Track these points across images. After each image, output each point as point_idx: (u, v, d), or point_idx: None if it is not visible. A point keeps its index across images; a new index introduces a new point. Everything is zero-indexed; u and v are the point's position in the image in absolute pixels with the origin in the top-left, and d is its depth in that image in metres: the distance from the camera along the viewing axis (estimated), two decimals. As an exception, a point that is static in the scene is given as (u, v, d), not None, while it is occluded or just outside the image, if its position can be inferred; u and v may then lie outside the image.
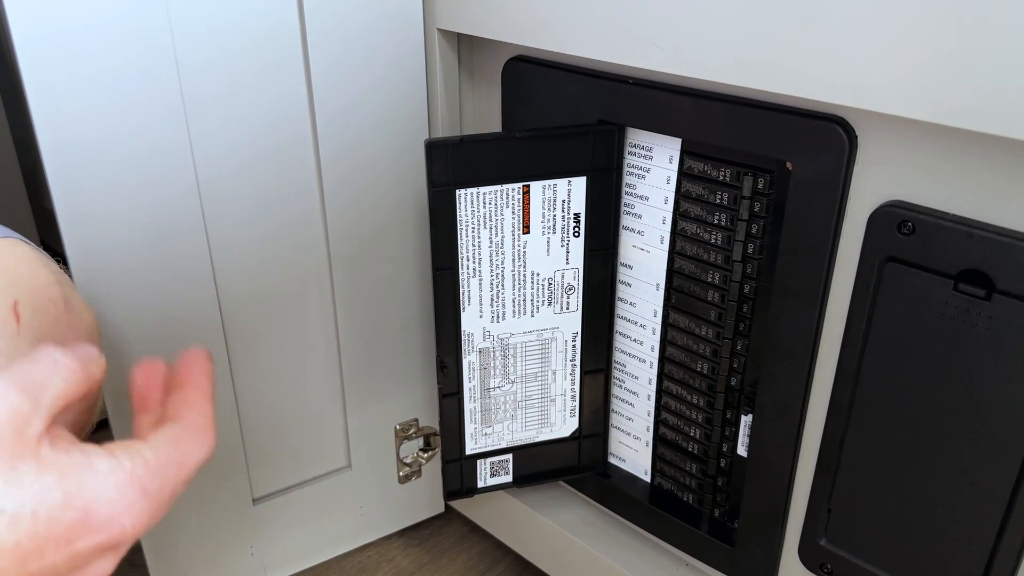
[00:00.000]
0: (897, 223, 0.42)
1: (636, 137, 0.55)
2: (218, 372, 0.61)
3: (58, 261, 0.47)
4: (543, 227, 0.57)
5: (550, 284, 0.59)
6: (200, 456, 0.39)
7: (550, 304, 0.60)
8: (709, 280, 0.53)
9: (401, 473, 0.75)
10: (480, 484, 0.65)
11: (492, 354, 0.60)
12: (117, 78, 0.50)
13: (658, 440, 0.61)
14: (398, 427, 0.73)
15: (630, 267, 0.58)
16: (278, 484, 0.69)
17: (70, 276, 0.49)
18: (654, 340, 0.59)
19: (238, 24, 0.53)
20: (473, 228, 0.56)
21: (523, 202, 0.56)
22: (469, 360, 0.60)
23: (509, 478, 0.66)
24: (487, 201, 0.55)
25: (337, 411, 0.70)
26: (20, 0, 0.46)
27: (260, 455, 0.67)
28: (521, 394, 0.62)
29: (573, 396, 0.63)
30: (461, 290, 0.57)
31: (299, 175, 0.60)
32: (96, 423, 0.46)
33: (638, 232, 0.57)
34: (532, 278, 0.58)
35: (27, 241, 0.45)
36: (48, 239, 1.12)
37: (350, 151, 0.61)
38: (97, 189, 0.51)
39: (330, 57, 0.57)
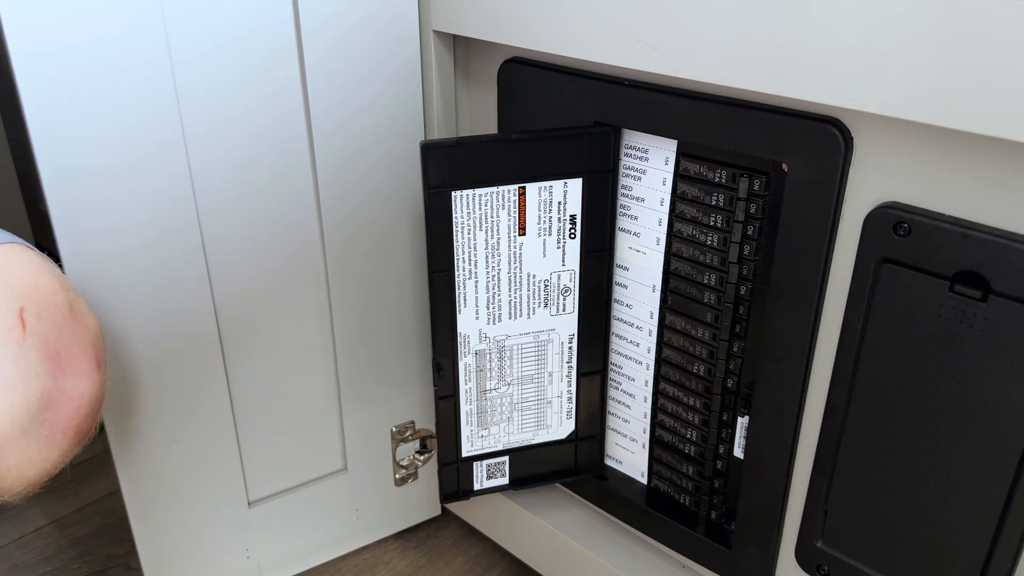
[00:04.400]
0: (893, 224, 0.42)
1: (632, 139, 0.55)
2: (214, 375, 0.61)
3: (61, 266, 0.47)
4: (539, 229, 0.57)
5: (546, 286, 0.59)
6: None
7: (546, 306, 0.59)
8: (705, 282, 0.53)
9: (397, 476, 0.75)
10: (476, 486, 0.65)
11: (488, 356, 0.60)
12: (112, 80, 0.50)
13: (655, 442, 0.61)
14: (394, 429, 0.73)
15: (626, 269, 0.58)
16: (274, 487, 0.69)
17: None
18: (650, 342, 0.59)
19: (233, 25, 0.53)
20: (469, 230, 0.56)
21: (519, 204, 0.56)
22: (465, 362, 0.60)
23: (505, 480, 0.66)
24: (483, 203, 0.55)
25: (333, 413, 0.70)
26: (17, 8, 0.45)
27: (256, 457, 0.67)
28: (517, 396, 0.62)
29: (570, 398, 0.63)
30: (457, 292, 0.57)
31: (294, 177, 0.60)
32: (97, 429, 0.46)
33: (634, 234, 0.57)
34: (528, 280, 0.58)
35: (31, 247, 0.45)
36: (44, 242, 1.12)
37: (345, 153, 0.60)
38: (92, 193, 0.51)
39: (326, 59, 0.57)
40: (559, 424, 0.64)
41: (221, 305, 0.60)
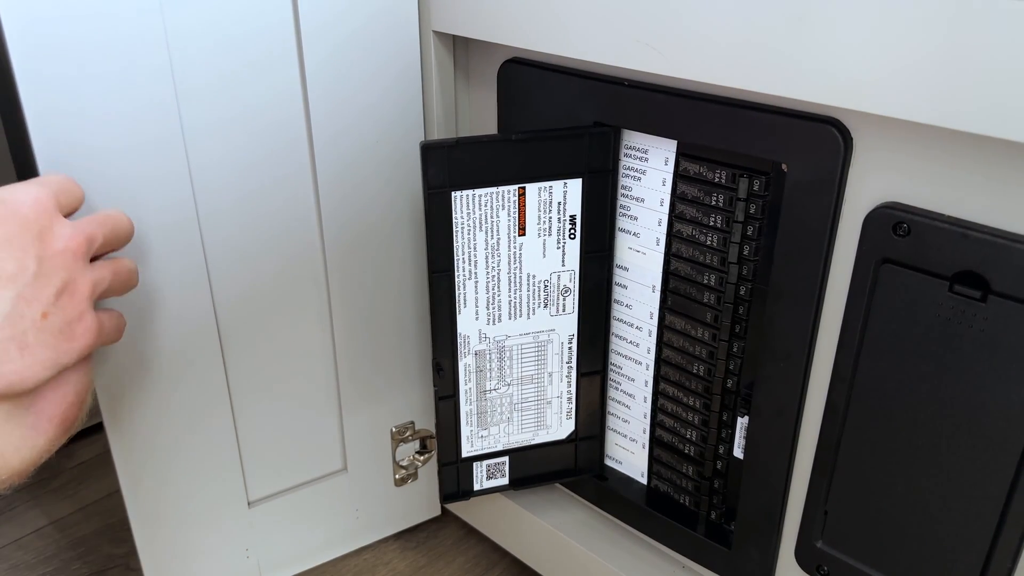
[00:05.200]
0: (892, 225, 0.42)
1: (632, 139, 0.55)
2: (213, 375, 0.61)
3: None
4: (539, 229, 0.57)
5: (546, 286, 0.59)
6: None
7: (546, 306, 0.59)
8: (705, 282, 0.53)
9: (397, 476, 0.75)
10: (476, 487, 0.65)
11: (488, 356, 0.60)
12: (112, 77, 0.49)
13: (654, 442, 0.61)
14: (394, 430, 0.73)
15: (626, 269, 0.58)
16: (274, 486, 0.69)
17: None
18: (650, 342, 0.59)
19: (232, 23, 0.53)
20: (469, 230, 0.56)
21: (519, 204, 0.56)
22: (465, 363, 0.60)
23: (505, 481, 0.66)
24: (483, 203, 0.55)
25: (333, 414, 0.70)
26: (16, 5, 0.45)
27: (255, 457, 0.67)
28: (517, 396, 0.62)
29: (569, 398, 0.63)
30: (457, 292, 0.57)
31: (294, 178, 0.60)
32: (88, 424, 0.46)
33: (634, 234, 0.57)
34: (528, 280, 0.58)
35: None
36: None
37: (345, 153, 0.60)
38: (92, 192, 0.51)
39: (325, 59, 0.57)
40: (559, 424, 0.64)
41: (220, 304, 0.60)
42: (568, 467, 0.66)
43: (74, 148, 0.50)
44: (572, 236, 0.57)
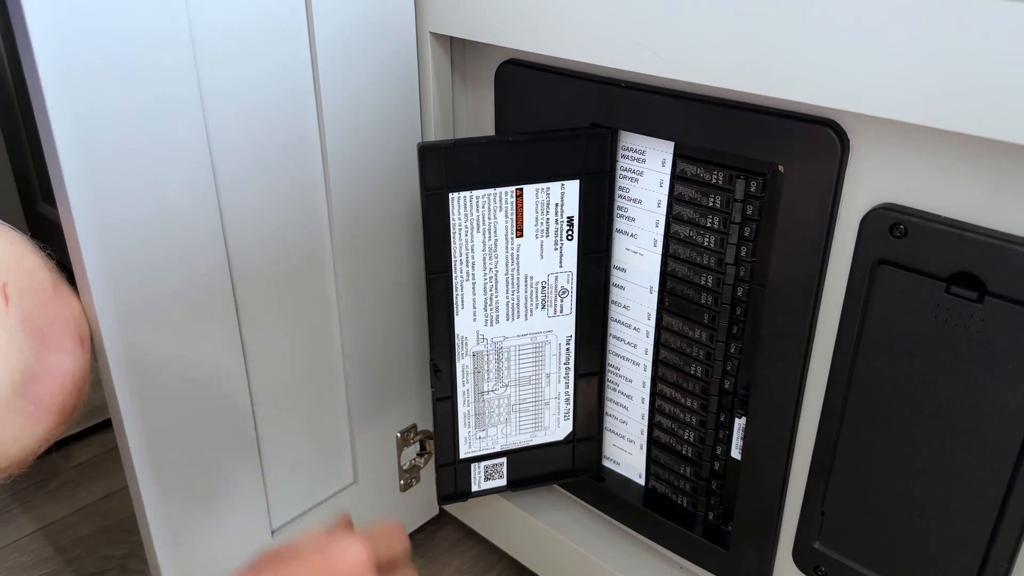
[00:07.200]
0: (889, 226, 0.42)
1: (629, 140, 0.55)
2: (241, 414, 0.59)
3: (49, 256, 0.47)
4: (536, 230, 0.57)
5: (544, 287, 0.59)
6: None
7: (544, 307, 0.59)
8: (702, 283, 0.53)
9: (402, 482, 0.74)
10: (474, 488, 0.65)
11: (486, 358, 0.60)
12: (134, 73, 0.47)
13: (652, 443, 0.61)
14: (399, 435, 0.72)
15: (623, 270, 0.58)
16: (295, 510, 0.67)
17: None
18: (648, 343, 0.59)
19: (251, 22, 0.52)
20: (466, 232, 0.56)
21: (516, 205, 0.56)
22: (463, 364, 0.60)
23: (503, 482, 0.66)
24: (480, 204, 0.55)
25: (344, 426, 0.69)
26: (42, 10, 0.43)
27: (278, 484, 0.65)
28: (515, 398, 0.62)
29: (567, 399, 0.63)
30: (455, 294, 0.57)
31: (305, 181, 0.58)
32: (85, 426, 0.46)
33: (631, 235, 0.57)
34: (526, 281, 0.58)
35: (15, 228, 0.45)
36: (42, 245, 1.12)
37: (342, 155, 0.60)
38: (110, 204, 0.48)
39: (326, 60, 0.57)
40: (557, 425, 0.64)
41: (245, 323, 0.58)
42: (566, 468, 0.66)
43: (93, 142, 0.46)
44: (570, 237, 0.57)
